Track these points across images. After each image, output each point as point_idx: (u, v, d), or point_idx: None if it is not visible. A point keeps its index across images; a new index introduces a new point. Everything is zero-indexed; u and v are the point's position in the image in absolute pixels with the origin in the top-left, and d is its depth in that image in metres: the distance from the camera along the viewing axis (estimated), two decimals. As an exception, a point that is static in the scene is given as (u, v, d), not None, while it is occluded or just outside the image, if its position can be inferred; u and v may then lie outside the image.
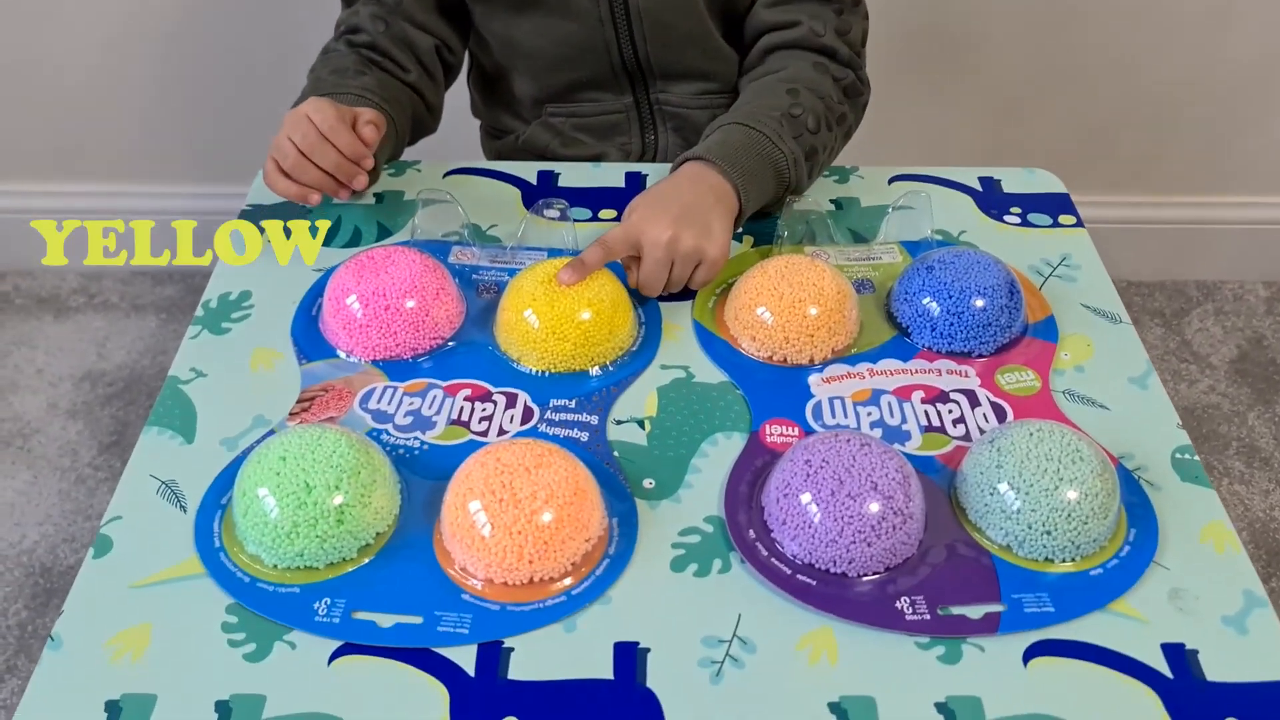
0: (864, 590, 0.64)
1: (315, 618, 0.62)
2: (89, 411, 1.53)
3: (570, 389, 0.76)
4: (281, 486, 0.63)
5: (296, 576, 0.64)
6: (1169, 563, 0.66)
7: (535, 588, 0.63)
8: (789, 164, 0.86)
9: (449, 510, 0.65)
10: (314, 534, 0.63)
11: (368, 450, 0.66)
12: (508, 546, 0.62)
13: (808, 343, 0.78)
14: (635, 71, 0.99)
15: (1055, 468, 0.65)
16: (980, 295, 0.79)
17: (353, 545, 0.64)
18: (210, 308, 0.83)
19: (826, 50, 0.93)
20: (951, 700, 0.59)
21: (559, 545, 0.63)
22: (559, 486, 0.63)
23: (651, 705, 0.59)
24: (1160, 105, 1.61)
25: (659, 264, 0.80)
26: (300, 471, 0.63)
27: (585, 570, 0.64)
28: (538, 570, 0.63)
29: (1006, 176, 0.98)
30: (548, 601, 0.63)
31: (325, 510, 0.63)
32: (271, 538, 0.63)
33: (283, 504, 0.63)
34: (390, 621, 0.62)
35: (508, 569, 0.63)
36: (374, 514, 0.65)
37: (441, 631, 0.61)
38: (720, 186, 0.83)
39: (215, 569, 0.64)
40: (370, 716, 0.58)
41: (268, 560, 0.64)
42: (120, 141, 1.64)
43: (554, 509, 0.63)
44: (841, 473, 0.65)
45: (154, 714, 0.58)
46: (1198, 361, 1.65)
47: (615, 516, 0.67)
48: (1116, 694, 0.60)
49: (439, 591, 0.63)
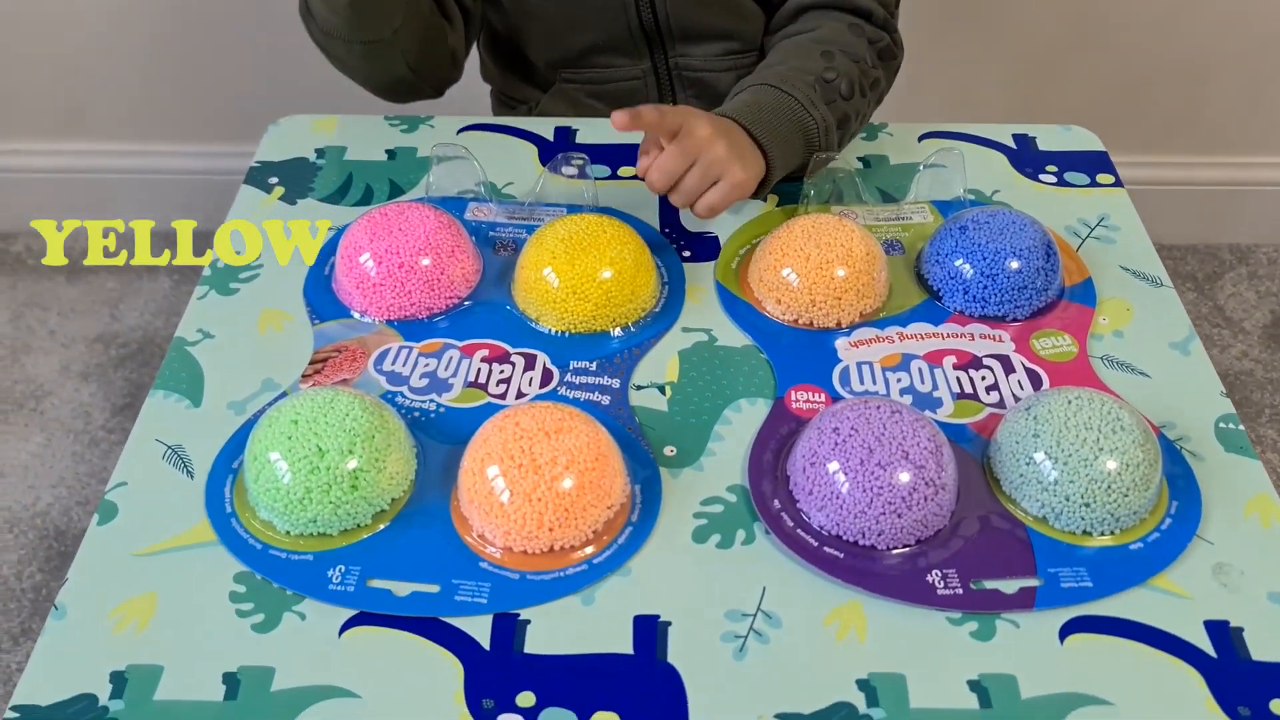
0: (894, 563, 0.61)
1: (329, 586, 0.60)
2: (102, 374, 1.52)
3: (591, 350, 0.74)
4: (294, 451, 0.61)
5: (309, 544, 0.62)
6: (1212, 536, 0.63)
7: (555, 556, 0.61)
8: (820, 131, 0.83)
9: (466, 476, 0.62)
10: (327, 500, 0.61)
11: (382, 413, 0.64)
12: (527, 514, 0.60)
13: (835, 305, 0.75)
14: (654, 34, 0.95)
15: (1095, 437, 0.62)
16: (1015, 257, 0.75)
17: (367, 511, 0.62)
18: (218, 268, 0.81)
19: (861, 11, 0.89)
20: (985, 678, 0.57)
21: (580, 513, 0.61)
22: (580, 452, 0.61)
23: (673, 680, 0.56)
24: (1194, 63, 1.56)
25: (683, 155, 0.76)
26: (313, 435, 0.61)
27: (607, 538, 0.62)
28: (558, 538, 0.61)
29: (1041, 134, 0.94)
30: (568, 570, 0.61)
31: (339, 475, 0.61)
32: (284, 503, 0.61)
33: (295, 469, 0.61)
34: (406, 590, 0.60)
35: (527, 537, 0.61)
36: (389, 479, 0.63)
37: (459, 600, 0.59)
38: (749, 145, 0.79)
39: (226, 535, 0.62)
40: (382, 690, 0.56)
41: (280, 527, 0.62)
42: (127, 100, 1.62)
43: (575, 475, 0.61)
44: (871, 441, 0.62)
45: (160, 685, 0.56)
46: (1230, 327, 1.61)
47: (638, 483, 0.65)
48: (1157, 672, 0.57)
49: (456, 559, 0.61)
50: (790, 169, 0.83)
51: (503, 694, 0.56)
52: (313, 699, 0.56)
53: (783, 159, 0.81)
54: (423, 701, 0.56)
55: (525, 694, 0.56)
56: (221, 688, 0.56)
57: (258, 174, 0.90)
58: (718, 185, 0.77)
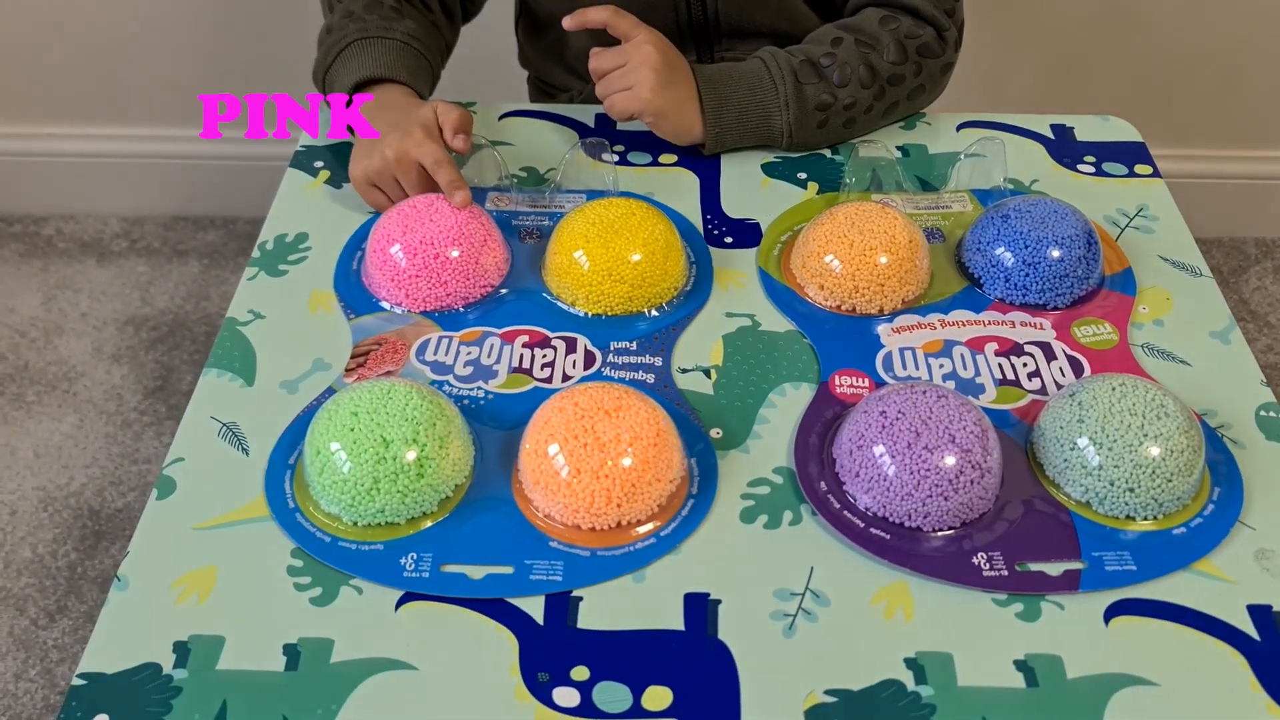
0: (939, 545, 0.62)
1: (404, 573, 0.60)
2: (133, 356, 1.53)
3: (628, 331, 0.75)
4: (358, 443, 0.62)
5: (378, 534, 0.62)
6: (1254, 522, 0.64)
7: (622, 532, 0.62)
8: (782, 107, 0.86)
9: (529, 457, 0.63)
10: (395, 489, 0.62)
11: (439, 401, 0.65)
12: (595, 490, 0.61)
13: (878, 292, 0.76)
14: (701, 30, 0.96)
15: (1139, 423, 0.63)
16: (1057, 245, 0.76)
17: (433, 499, 0.63)
18: (267, 249, 0.82)
19: (908, 7, 0.89)
20: (1031, 658, 0.58)
21: (645, 487, 0.62)
22: (642, 428, 0.62)
23: (724, 657, 0.58)
24: (1223, 56, 1.56)
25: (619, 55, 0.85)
26: (375, 426, 0.62)
27: (670, 512, 0.63)
28: (625, 514, 0.62)
29: (1079, 124, 0.95)
30: (637, 545, 0.62)
31: (404, 465, 0.62)
32: (351, 495, 0.62)
33: (360, 460, 0.61)
34: (481, 573, 0.60)
35: (595, 514, 0.62)
36: (452, 466, 0.64)
37: (535, 580, 0.60)
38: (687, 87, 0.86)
39: (293, 529, 0.62)
40: (439, 664, 0.57)
41: (347, 518, 0.63)
42: (163, 84, 1.63)
43: (638, 451, 0.62)
44: (918, 425, 0.63)
45: (222, 655, 0.57)
46: (1255, 320, 1.61)
47: (693, 457, 0.66)
48: (1201, 655, 0.58)
49: (527, 540, 0.62)
50: (741, 134, 0.88)
51: (558, 667, 0.57)
52: (371, 670, 0.57)
53: (719, 117, 0.86)
54: (479, 674, 0.57)
55: (579, 668, 0.57)
56: (283, 658, 0.57)
57: (303, 158, 0.91)
58: (628, 91, 0.84)
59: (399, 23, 0.90)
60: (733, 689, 0.56)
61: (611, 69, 0.85)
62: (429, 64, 0.92)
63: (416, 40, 0.90)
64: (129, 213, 1.74)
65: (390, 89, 0.87)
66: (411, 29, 0.90)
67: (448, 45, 0.98)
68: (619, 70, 0.85)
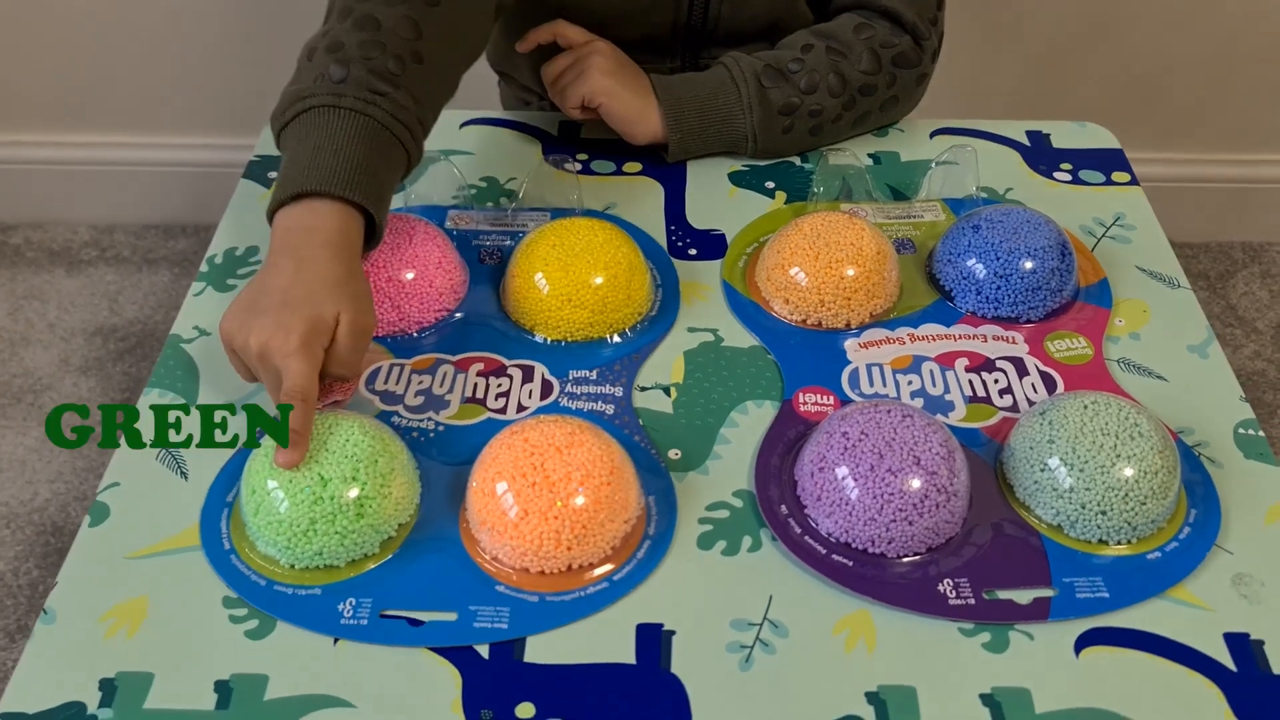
0: (904, 572, 0.60)
1: (341, 620, 0.57)
2: (101, 367, 1.51)
3: (589, 359, 0.72)
4: (294, 481, 0.58)
5: (316, 577, 0.59)
6: (1232, 546, 0.62)
7: (573, 575, 0.59)
8: (744, 109, 0.85)
9: (476, 496, 0.60)
10: (333, 530, 0.59)
11: (383, 436, 0.61)
12: (544, 533, 0.58)
13: (844, 306, 0.73)
14: (696, 33, 0.92)
15: (1112, 443, 0.61)
16: (1029, 257, 0.74)
17: (374, 540, 0.60)
18: (215, 264, 0.79)
19: (890, 13, 0.86)
20: (998, 691, 0.55)
21: (597, 529, 0.59)
22: (594, 466, 0.59)
23: (677, 692, 0.55)
24: (1207, 59, 1.54)
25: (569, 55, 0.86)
26: (313, 464, 0.59)
27: (625, 554, 0.60)
28: (576, 556, 0.59)
29: (1056, 130, 0.92)
30: (589, 589, 0.59)
31: (343, 504, 0.58)
32: (287, 537, 0.59)
33: (296, 500, 0.58)
34: (423, 619, 0.58)
35: (545, 557, 0.59)
36: (395, 505, 0.60)
37: (479, 627, 0.57)
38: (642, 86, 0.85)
39: (227, 573, 0.59)
40: (378, 701, 0.55)
41: (284, 561, 0.59)
42: (125, 92, 1.60)
43: (590, 490, 0.58)
44: (882, 446, 0.60)
45: (150, 693, 0.55)
46: (1243, 326, 1.59)
47: (651, 494, 0.63)
48: (1176, 687, 0.55)
49: (472, 584, 0.59)
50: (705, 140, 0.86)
51: (502, 704, 0.54)
52: (307, 708, 0.54)
53: (679, 121, 0.84)
54: (419, 712, 0.54)
55: (525, 704, 0.54)
56: (213, 696, 0.55)
57: (257, 168, 0.88)
58: (578, 77, 0.84)
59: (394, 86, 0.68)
60: (685, 726, 0.54)
61: (562, 69, 0.85)
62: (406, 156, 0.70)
63: (404, 111, 0.69)
64: (99, 221, 1.72)
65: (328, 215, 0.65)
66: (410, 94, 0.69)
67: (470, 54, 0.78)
68: (570, 68, 0.85)
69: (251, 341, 0.61)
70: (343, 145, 0.66)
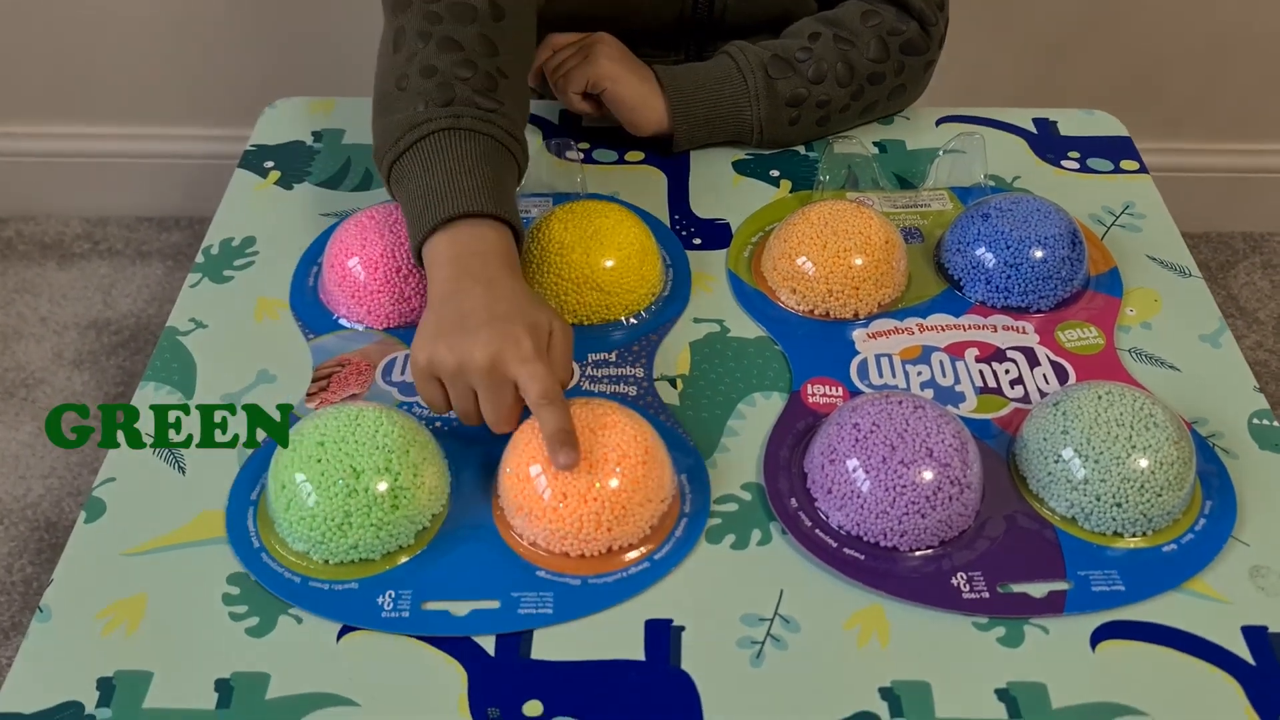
0: (917, 566, 0.59)
1: (382, 614, 0.56)
2: (94, 361, 1.49)
3: (606, 341, 0.71)
4: (326, 475, 0.57)
5: (352, 571, 0.58)
6: (1249, 538, 0.61)
7: (612, 557, 0.59)
8: (750, 99, 0.83)
9: (511, 483, 0.59)
10: (368, 523, 0.57)
11: (411, 425, 0.60)
12: (583, 515, 0.57)
13: (852, 295, 0.72)
14: (704, 24, 0.91)
15: (1127, 434, 0.60)
16: (1040, 245, 0.73)
17: (410, 531, 0.59)
18: (211, 254, 0.78)
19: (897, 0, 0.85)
20: (1013, 686, 0.54)
21: (636, 509, 0.58)
22: (629, 446, 0.58)
23: (686, 688, 0.54)
24: (1208, 48, 1.53)
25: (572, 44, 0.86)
26: (344, 456, 0.57)
27: (663, 533, 0.60)
28: (616, 538, 0.58)
29: (1063, 118, 0.91)
30: (630, 570, 0.58)
31: (377, 496, 0.57)
32: (321, 531, 0.57)
33: (329, 494, 0.57)
34: (465, 609, 0.56)
35: (584, 540, 0.58)
36: (428, 494, 0.59)
37: (524, 614, 0.56)
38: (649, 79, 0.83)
39: (259, 571, 0.58)
40: (383, 699, 0.54)
41: (317, 556, 0.58)
42: (117, 83, 1.58)
43: (627, 471, 0.58)
44: (894, 438, 0.59)
45: (149, 692, 0.53)
46: (1244, 317, 1.58)
47: (683, 473, 0.63)
48: (1193, 681, 0.55)
49: (512, 571, 0.58)
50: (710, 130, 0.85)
51: (509, 702, 0.53)
52: (309, 707, 0.53)
53: (687, 113, 0.83)
54: (425, 710, 0.53)
55: (532, 702, 0.53)
56: (214, 695, 0.53)
57: (253, 157, 0.87)
58: (586, 60, 0.83)
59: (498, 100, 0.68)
60: (696, 724, 0.53)
61: (566, 56, 0.85)
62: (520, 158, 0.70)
63: (515, 131, 0.69)
64: (91, 213, 1.70)
65: (487, 235, 0.64)
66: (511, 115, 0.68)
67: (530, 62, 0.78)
68: (574, 54, 0.84)
69: (477, 356, 0.59)
70: (474, 166, 0.65)
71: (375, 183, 0.84)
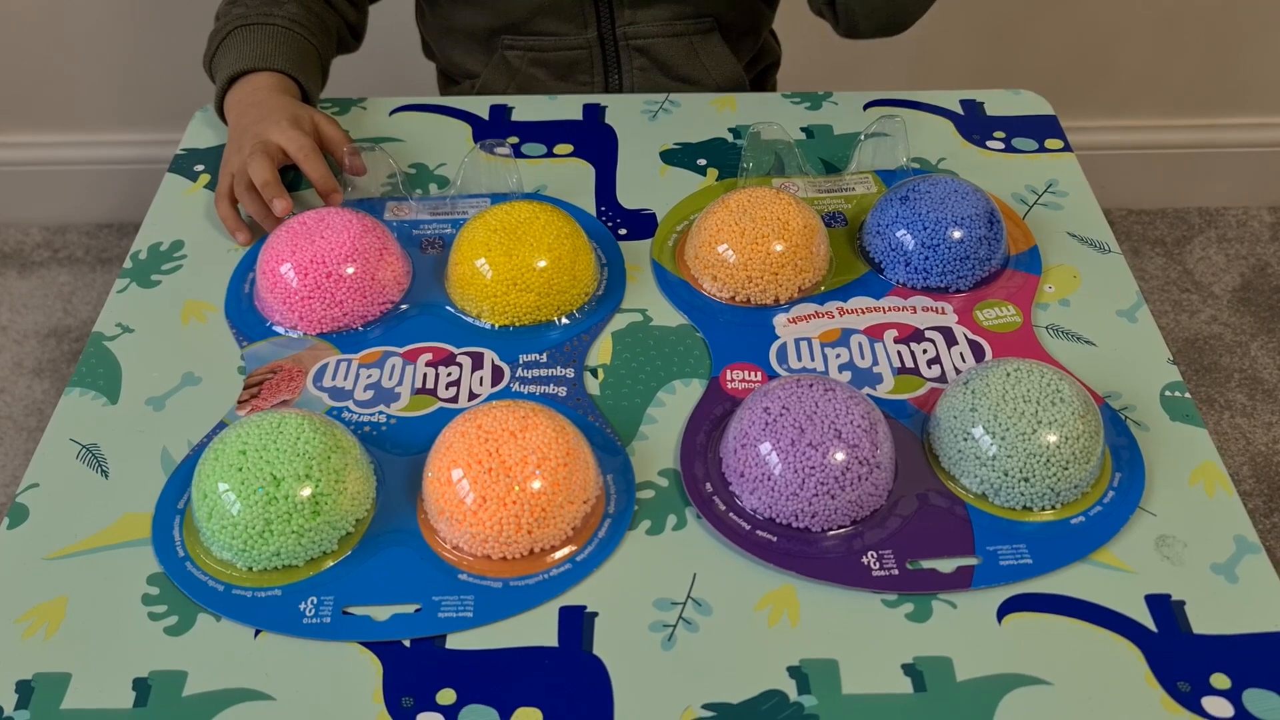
0: (828, 546, 0.60)
1: (303, 620, 0.57)
2: (55, 369, 1.49)
3: (538, 342, 0.71)
4: (246, 483, 0.58)
5: (275, 578, 0.59)
6: (1156, 508, 0.62)
7: (535, 559, 0.59)
8: None
9: (433, 486, 0.60)
10: (289, 530, 0.58)
11: (333, 432, 0.61)
12: (503, 518, 0.58)
13: (772, 281, 0.73)
14: None
15: (1033, 409, 0.61)
16: (957, 226, 0.73)
17: (332, 537, 0.59)
18: (139, 259, 0.78)
19: None
20: (919, 661, 0.55)
21: (557, 511, 0.58)
22: (550, 448, 0.59)
23: (599, 673, 0.55)
24: (1160, 22, 1.53)
25: None
26: (264, 464, 0.58)
27: (587, 534, 0.60)
28: (537, 540, 0.59)
29: (990, 99, 0.92)
30: (552, 572, 0.59)
31: (298, 503, 0.58)
32: (243, 539, 0.58)
33: (250, 501, 0.57)
34: (386, 614, 0.57)
35: (505, 542, 0.58)
36: (350, 500, 0.60)
37: (444, 618, 0.57)
38: None
39: (184, 581, 0.58)
40: (299, 693, 0.54)
41: (240, 564, 0.59)
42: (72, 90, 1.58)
43: (548, 473, 0.58)
44: (803, 420, 0.60)
45: (68, 693, 0.54)
46: (1199, 291, 1.60)
47: (610, 473, 0.63)
48: (1096, 650, 0.56)
49: (434, 574, 0.59)
50: None
51: (423, 692, 0.54)
52: (226, 703, 0.54)
53: None
54: (340, 702, 0.54)
55: (446, 691, 0.54)
56: (131, 694, 0.54)
57: (183, 161, 0.87)
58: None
59: (281, 6, 0.88)
60: (606, 706, 0.53)
61: None
62: (315, 49, 0.89)
63: (300, 25, 0.88)
64: (51, 221, 1.70)
65: (264, 79, 0.84)
66: (294, 13, 0.88)
67: (350, 27, 0.96)
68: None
69: (245, 143, 0.77)
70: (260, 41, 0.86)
71: (303, 183, 0.84)
